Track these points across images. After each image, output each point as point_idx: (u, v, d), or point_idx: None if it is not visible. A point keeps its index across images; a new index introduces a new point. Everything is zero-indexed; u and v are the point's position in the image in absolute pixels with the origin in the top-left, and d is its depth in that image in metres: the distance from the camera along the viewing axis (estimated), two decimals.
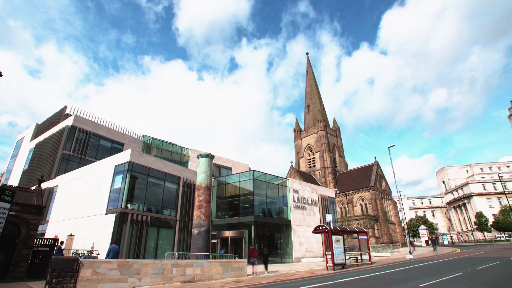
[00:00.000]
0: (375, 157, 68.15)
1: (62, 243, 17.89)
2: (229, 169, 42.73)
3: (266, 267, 17.99)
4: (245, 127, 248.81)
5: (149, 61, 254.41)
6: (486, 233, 68.48)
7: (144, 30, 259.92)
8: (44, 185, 28.03)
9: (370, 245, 24.61)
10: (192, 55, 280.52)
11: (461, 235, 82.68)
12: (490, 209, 74.89)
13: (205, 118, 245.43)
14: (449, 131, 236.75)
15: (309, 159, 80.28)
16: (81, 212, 24.61)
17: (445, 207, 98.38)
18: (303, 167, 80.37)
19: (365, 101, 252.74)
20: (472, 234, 76.52)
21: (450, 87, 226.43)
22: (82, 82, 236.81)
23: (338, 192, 67.04)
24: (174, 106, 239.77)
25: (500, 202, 75.35)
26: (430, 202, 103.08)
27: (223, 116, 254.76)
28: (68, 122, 32.69)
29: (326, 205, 36.72)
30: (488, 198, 78.17)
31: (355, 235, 23.50)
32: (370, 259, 22.08)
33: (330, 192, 39.93)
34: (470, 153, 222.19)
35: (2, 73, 11.26)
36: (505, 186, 71.41)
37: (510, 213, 59.79)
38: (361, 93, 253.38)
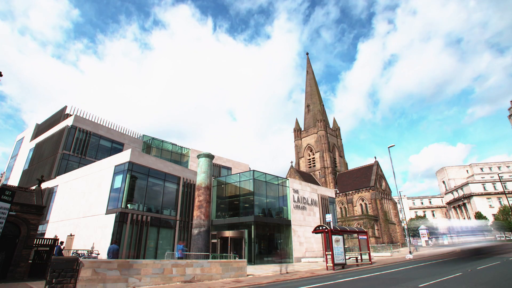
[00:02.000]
0: (375, 157, 68.21)
1: (62, 243, 17.89)
2: (229, 169, 42.73)
3: None
4: (271, 96, 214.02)
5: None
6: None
7: None
8: (44, 185, 28.02)
9: (370, 245, 24.61)
10: None
11: None
12: (490, 209, 74.86)
13: (220, 89, 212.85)
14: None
15: (309, 159, 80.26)
16: (81, 212, 24.60)
17: (445, 207, 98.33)
18: (303, 167, 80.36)
19: (413, 64, 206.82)
20: None
21: None
22: (71, 38, 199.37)
23: (338, 192, 67.03)
24: (184, 75, 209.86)
25: (500, 202, 75.28)
26: (430, 202, 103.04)
27: (244, 85, 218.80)
28: (68, 122, 32.69)
29: (326, 205, 36.71)
30: (488, 198, 78.14)
31: (355, 235, 23.50)
32: (370, 259, 22.07)
33: (330, 192, 39.93)
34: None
35: (2, 73, 11.26)
36: (505, 186, 71.37)
37: (510, 213, 59.79)
38: (411, 52, 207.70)
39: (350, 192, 65.75)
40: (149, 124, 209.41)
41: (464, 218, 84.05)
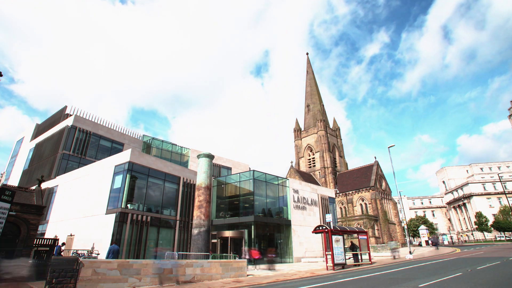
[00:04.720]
0: (375, 157, 68.25)
1: (63, 244, 17.89)
2: (229, 169, 42.73)
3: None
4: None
5: None
6: (486, 233, 68.48)
7: None
8: (44, 185, 28.00)
9: (370, 245, 24.61)
10: None
11: (461, 235, 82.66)
12: (490, 209, 74.89)
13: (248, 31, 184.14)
14: None
15: (309, 159, 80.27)
16: (81, 212, 24.60)
17: (445, 207, 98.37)
18: (303, 167, 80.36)
19: None
20: (472, 234, 76.51)
21: None
22: None
23: (338, 192, 67.03)
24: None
25: (500, 202, 75.33)
26: (430, 202, 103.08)
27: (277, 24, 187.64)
28: (68, 122, 32.69)
29: (326, 205, 36.71)
30: (488, 198, 78.17)
31: (355, 235, 23.49)
32: (370, 259, 22.07)
33: (330, 192, 39.93)
34: None
35: (2, 73, 11.26)
36: (505, 186, 71.36)
37: (510, 213, 59.82)
38: None
39: (350, 192, 65.76)
40: (157, 87, 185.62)
41: (464, 218, 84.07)
